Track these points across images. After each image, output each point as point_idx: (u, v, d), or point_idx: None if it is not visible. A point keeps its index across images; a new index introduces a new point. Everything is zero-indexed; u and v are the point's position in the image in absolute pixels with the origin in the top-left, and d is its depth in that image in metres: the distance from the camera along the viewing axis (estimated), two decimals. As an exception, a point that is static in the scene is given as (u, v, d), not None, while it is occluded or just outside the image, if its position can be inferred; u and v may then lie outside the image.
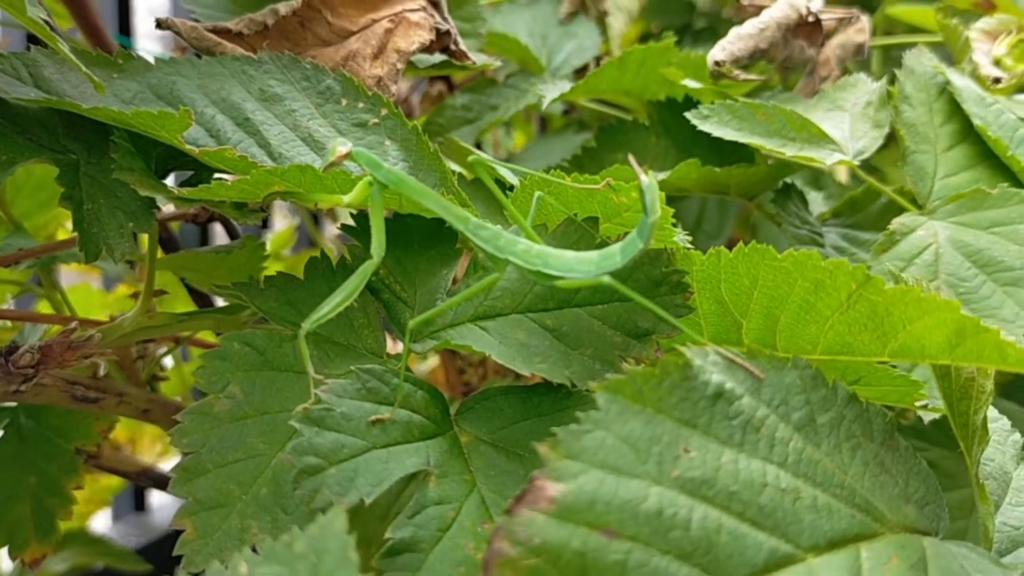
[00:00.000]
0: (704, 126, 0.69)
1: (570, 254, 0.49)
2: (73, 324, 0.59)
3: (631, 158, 0.47)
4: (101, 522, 1.14)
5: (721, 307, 0.53)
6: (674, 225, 0.55)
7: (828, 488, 0.44)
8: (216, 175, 0.57)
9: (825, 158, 0.68)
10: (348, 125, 0.61)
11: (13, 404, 0.67)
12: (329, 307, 0.48)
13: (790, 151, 0.68)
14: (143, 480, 0.79)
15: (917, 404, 0.58)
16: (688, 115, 0.70)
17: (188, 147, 0.52)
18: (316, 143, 0.59)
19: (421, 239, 0.56)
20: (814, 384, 0.46)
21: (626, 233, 0.49)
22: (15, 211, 0.68)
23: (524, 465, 0.49)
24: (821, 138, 0.70)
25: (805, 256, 0.48)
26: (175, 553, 0.47)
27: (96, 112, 0.52)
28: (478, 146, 0.95)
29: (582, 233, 0.53)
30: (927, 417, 0.66)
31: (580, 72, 0.90)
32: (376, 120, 0.62)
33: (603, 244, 0.52)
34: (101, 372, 0.61)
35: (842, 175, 0.98)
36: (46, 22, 0.49)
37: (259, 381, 0.51)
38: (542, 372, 0.50)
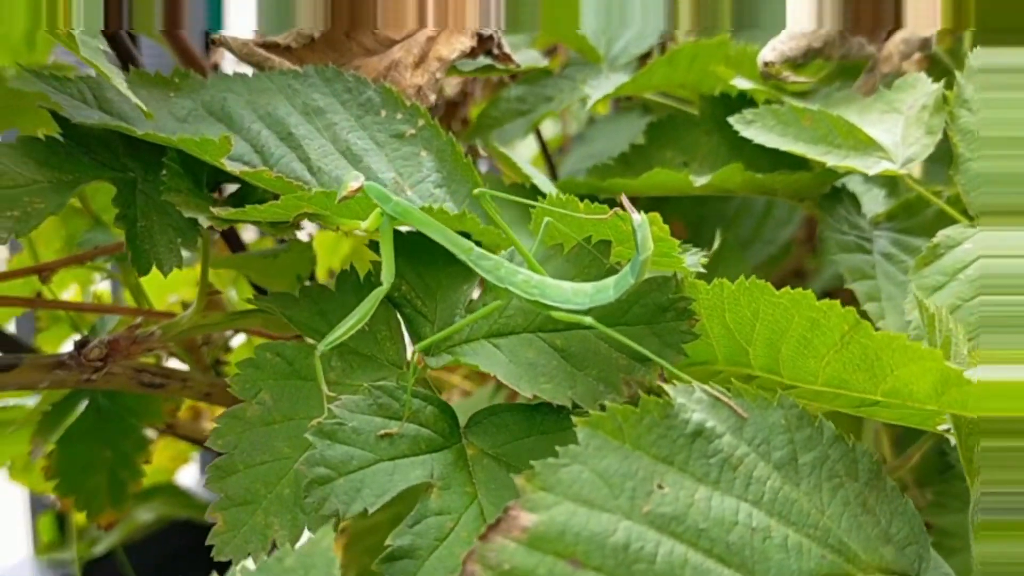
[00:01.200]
0: (747, 132, 0.70)
1: (567, 286, 0.51)
2: (138, 320, 0.63)
3: (623, 197, 0.49)
4: (189, 476, 1.21)
5: (729, 333, 0.55)
6: (686, 249, 0.56)
7: (802, 528, 0.46)
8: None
9: (870, 167, 0.68)
10: (386, 136, 0.64)
11: (91, 386, 0.73)
12: (342, 330, 0.51)
13: (832, 160, 0.68)
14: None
15: (939, 429, 0.59)
16: (732, 120, 0.71)
17: (230, 168, 0.56)
18: (353, 156, 0.63)
19: (444, 254, 0.58)
20: (799, 424, 0.48)
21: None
22: (94, 206, 0.74)
23: (524, 480, 0.52)
24: (868, 145, 0.70)
25: (800, 295, 0.49)
26: (207, 543, 0.52)
27: (148, 136, 0.56)
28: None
29: (592, 258, 0.55)
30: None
31: (643, 59, 0.90)
32: (413, 131, 0.65)
33: (613, 270, 0.54)
34: (164, 362, 0.65)
35: (914, 170, 0.97)
36: (105, 51, 0.53)
37: (287, 389, 0.55)
38: (545, 393, 0.53)
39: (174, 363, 0.73)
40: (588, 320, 0.49)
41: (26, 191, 0.55)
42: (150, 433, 0.78)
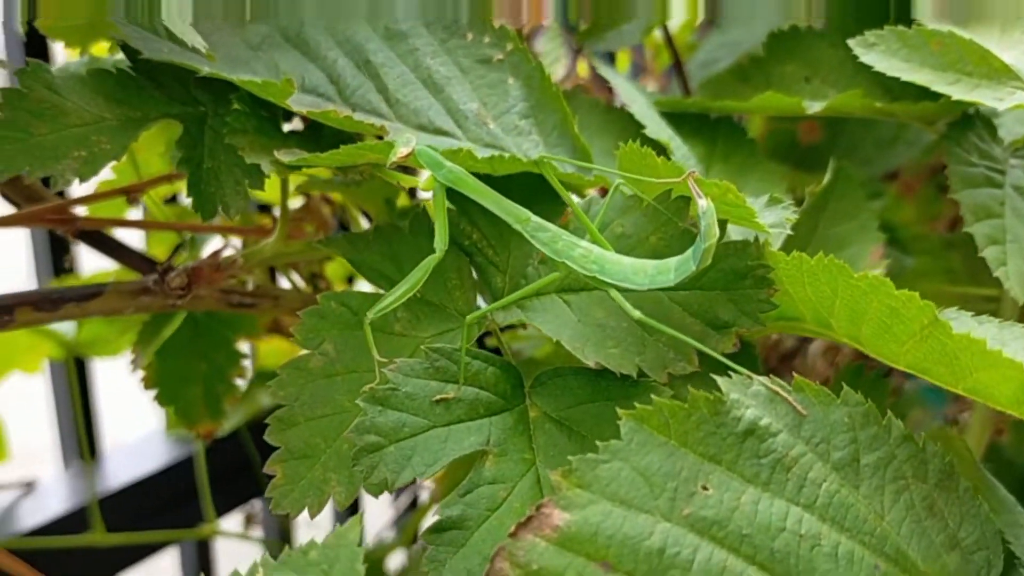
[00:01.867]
0: (867, 58, 0.64)
1: (628, 263, 0.49)
2: (221, 247, 0.63)
3: (691, 181, 0.45)
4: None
5: (811, 303, 0.51)
6: (773, 206, 0.53)
7: (856, 535, 0.43)
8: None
9: (1001, 100, 0.62)
10: (471, 62, 0.62)
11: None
12: (392, 298, 0.50)
13: (959, 92, 0.62)
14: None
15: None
16: (851, 44, 0.65)
17: (296, 108, 0.55)
18: (434, 85, 0.60)
19: (520, 200, 0.56)
20: (864, 422, 0.45)
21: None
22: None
23: (584, 448, 0.50)
24: (1003, 73, 0.63)
25: (879, 281, 0.46)
26: (266, 495, 0.53)
27: (213, 75, 0.54)
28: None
29: (665, 226, 0.52)
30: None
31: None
32: (501, 56, 0.62)
33: (689, 238, 0.51)
34: (250, 287, 0.66)
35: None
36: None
37: (351, 340, 0.54)
38: (611, 359, 0.51)
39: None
40: (636, 315, 0.47)
41: (94, 129, 0.55)
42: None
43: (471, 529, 0.48)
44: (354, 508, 1.10)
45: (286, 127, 0.59)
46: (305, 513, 0.52)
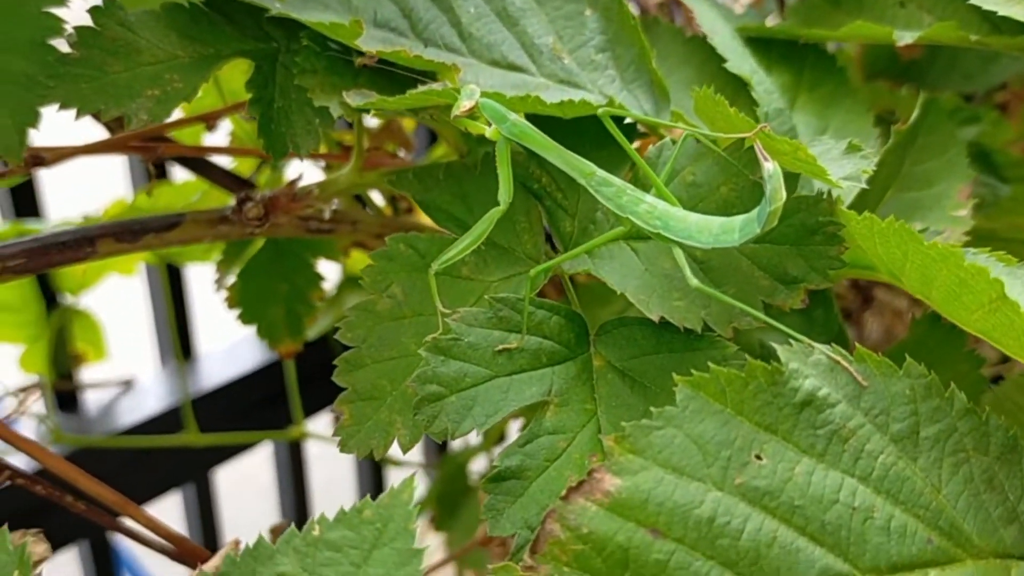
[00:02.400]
0: (969, -11, 0.61)
1: (693, 219, 0.48)
2: (297, 176, 0.64)
3: (757, 145, 0.44)
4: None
5: (882, 259, 0.50)
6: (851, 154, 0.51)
7: (911, 507, 0.43)
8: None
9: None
10: (547, -10, 0.60)
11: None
12: (456, 250, 0.50)
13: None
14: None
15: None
16: (949, -27, 0.62)
17: (366, 48, 0.54)
18: (509, 18, 0.59)
19: (591, 143, 0.55)
20: (926, 394, 0.44)
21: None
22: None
23: (647, 399, 0.50)
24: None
25: (948, 251, 0.44)
26: (333, 435, 0.54)
27: (282, 14, 0.54)
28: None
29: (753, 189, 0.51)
30: None
31: None
32: (578, -16, 0.60)
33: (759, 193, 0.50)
34: (326, 215, 0.66)
35: None
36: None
37: (418, 283, 0.54)
38: (676, 312, 0.51)
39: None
40: (694, 282, 0.46)
41: (166, 67, 0.55)
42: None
43: (530, 479, 0.48)
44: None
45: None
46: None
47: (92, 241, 0.59)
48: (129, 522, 0.61)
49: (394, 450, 0.53)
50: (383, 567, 0.42)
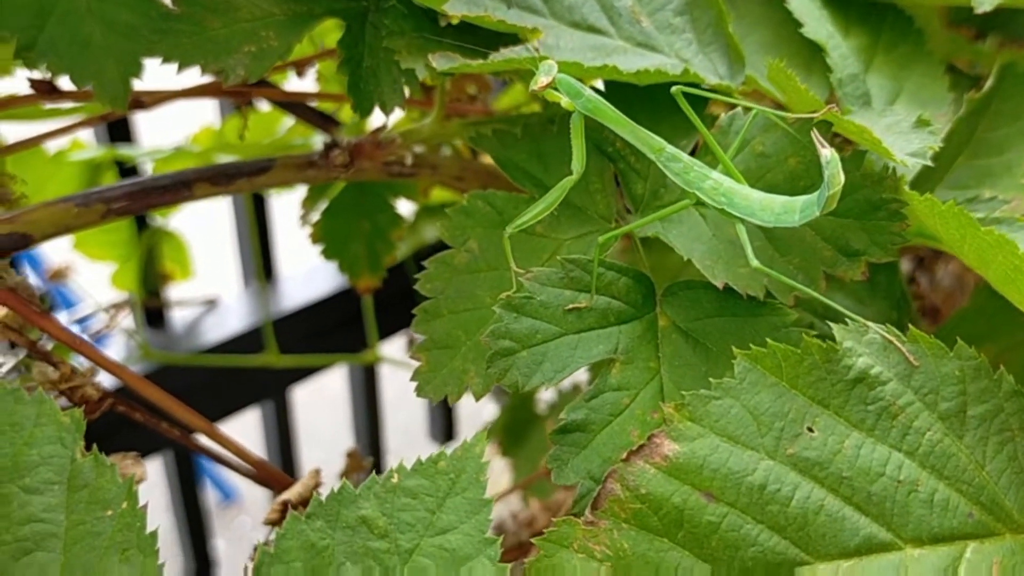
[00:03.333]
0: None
1: (756, 197, 0.50)
2: (381, 124, 0.67)
3: (815, 133, 0.46)
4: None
5: (943, 236, 0.52)
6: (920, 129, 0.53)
7: (954, 483, 0.45)
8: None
9: None
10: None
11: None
12: (530, 215, 0.52)
13: None
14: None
15: None
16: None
17: (451, 12, 0.56)
18: (596, -16, 0.61)
19: (666, 107, 0.57)
20: (975, 375, 0.46)
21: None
22: None
23: (708, 360, 0.53)
24: None
25: (1003, 240, 0.46)
26: (411, 379, 0.57)
27: (367, -21, 0.56)
28: None
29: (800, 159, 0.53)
30: None
31: None
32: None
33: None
34: (408, 161, 0.69)
35: None
36: None
37: (494, 239, 0.57)
38: (740, 279, 0.53)
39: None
40: (755, 263, 0.48)
41: (262, 24, 0.57)
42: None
43: (594, 432, 0.51)
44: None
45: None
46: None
47: (189, 185, 0.62)
48: (206, 439, 0.65)
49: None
50: (455, 514, 0.45)
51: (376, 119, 0.63)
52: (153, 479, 0.87)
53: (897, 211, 0.51)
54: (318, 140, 0.87)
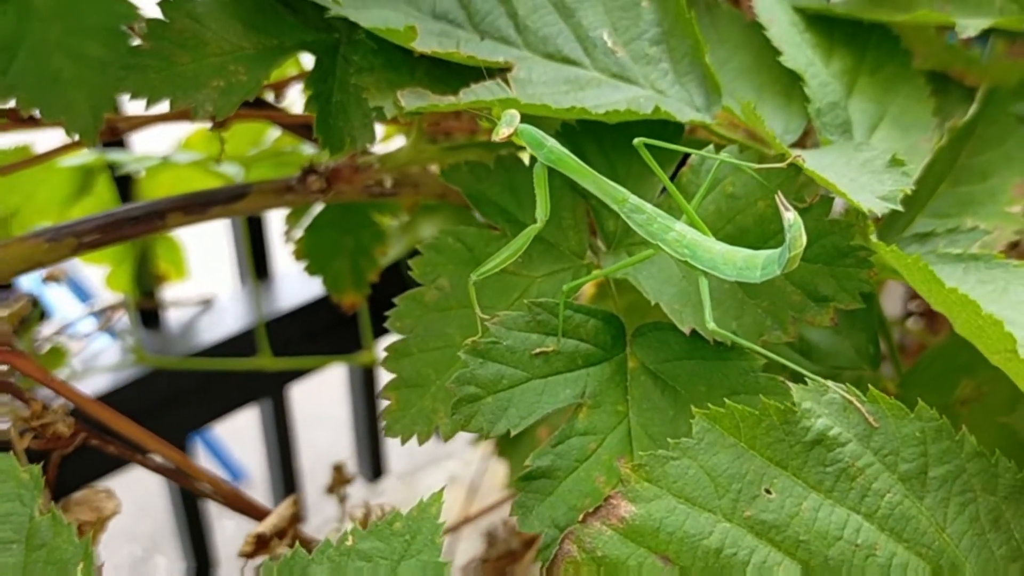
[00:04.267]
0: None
1: (719, 250, 0.49)
2: (358, 149, 0.66)
3: (779, 196, 0.45)
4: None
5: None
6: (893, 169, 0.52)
7: (913, 545, 0.45)
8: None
9: None
10: (605, -19, 0.61)
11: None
12: (494, 263, 0.52)
13: None
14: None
15: None
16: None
17: (420, 49, 0.55)
18: (565, 9, 0.60)
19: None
20: (936, 436, 0.46)
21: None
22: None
23: (676, 403, 0.52)
24: None
25: (967, 301, 0.45)
26: (379, 418, 0.57)
27: (339, 15, 0.56)
28: None
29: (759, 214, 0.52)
30: None
31: None
32: (636, -24, 0.60)
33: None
34: (388, 183, 0.68)
35: None
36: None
37: (465, 276, 0.56)
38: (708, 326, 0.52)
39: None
40: (711, 326, 0.48)
41: (231, 58, 0.57)
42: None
43: (559, 479, 0.51)
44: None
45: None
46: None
47: (162, 215, 0.62)
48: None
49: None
50: (411, 577, 0.45)
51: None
52: (152, 480, 0.88)
53: (864, 259, 0.50)
54: (308, 147, 0.87)
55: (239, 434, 1.84)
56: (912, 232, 0.61)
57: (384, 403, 0.56)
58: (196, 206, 0.63)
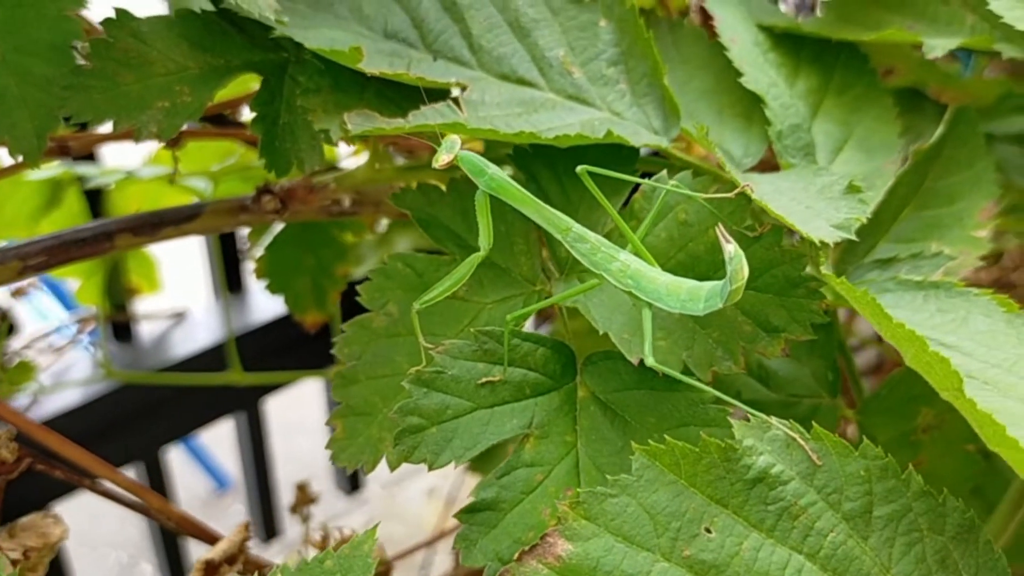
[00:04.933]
0: (998, 5, 0.59)
1: (663, 281, 0.48)
2: (316, 169, 0.65)
3: (719, 228, 0.44)
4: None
5: (865, 315, 0.50)
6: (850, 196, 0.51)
7: (856, 586, 0.44)
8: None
9: None
10: (563, 2, 0.60)
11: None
12: (436, 292, 0.51)
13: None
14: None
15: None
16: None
17: (368, 71, 0.54)
18: (521, 29, 0.59)
19: (592, 162, 0.55)
20: (882, 475, 0.45)
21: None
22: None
23: (626, 434, 0.51)
24: None
25: (915, 337, 0.44)
26: (327, 447, 0.56)
27: (284, 36, 0.55)
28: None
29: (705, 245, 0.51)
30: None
31: None
32: (595, -5, 0.59)
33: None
34: (347, 203, 0.67)
35: None
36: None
37: (414, 302, 0.55)
38: (658, 353, 0.51)
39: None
40: (649, 361, 0.47)
41: (176, 79, 0.56)
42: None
43: (504, 511, 0.50)
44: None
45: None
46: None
47: (110, 236, 0.61)
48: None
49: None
50: (342, 615, 0.44)
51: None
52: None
53: (815, 289, 0.49)
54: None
55: (224, 440, 1.83)
56: (874, 257, 0.60)
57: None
58: (146, 227, 0.62)
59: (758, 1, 0.69)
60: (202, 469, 1.95)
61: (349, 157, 0.68)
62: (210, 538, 0.63)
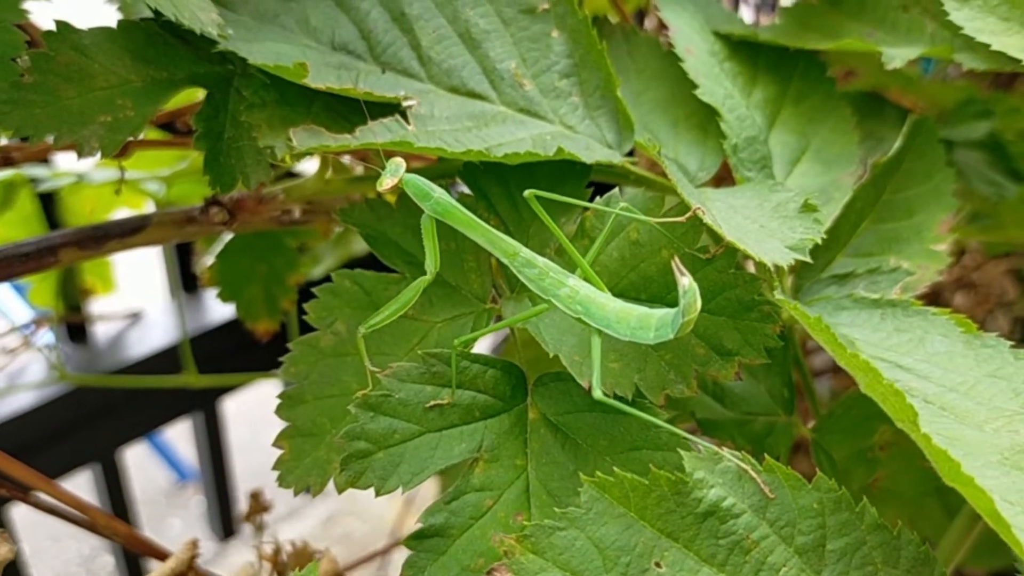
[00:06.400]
0: (959, 16, 0.58)
1: (613, 307, 0.47)
2: (251, 188, 0.64)
3: (675, 261, 0.43)
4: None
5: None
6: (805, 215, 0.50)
7: (807, 621, 0.43)
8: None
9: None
10: (515, 12, 0.58)
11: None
12: (382, 316, 0.50)
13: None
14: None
15: None
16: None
17: (315, 85, 0.53)
18: (471, 40, 0.57)
19: (544, 183, 0.54)
20: (835, 507, 0.44)
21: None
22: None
23: (577, 457, 0.50)
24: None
25: (869, 368, 0.43)
26: (273, 468, 0.55)
27: (227, 51, 0.53)
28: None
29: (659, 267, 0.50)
30: None
31: None
32: (546, 6, 0.58)
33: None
34: (297, 213, 0.66)
35: None
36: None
37: (363, 320, 0.54)
38: (610, 376, 0.50)
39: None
40: (598, 394, 0.46)
41: (119, 92, 0.54)
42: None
43: (453, 537, 0.49)
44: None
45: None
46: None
47: (54, 251, 0.60)
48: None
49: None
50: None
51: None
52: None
53: (769, 313, 0.48)
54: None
55: (186, 432, 1.82)
56: (832, 272, 0.59)
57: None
58: (91, 240, 0.60)
59: (716, 7, 0.68)
60: (163, 461, 1.93)
61: (306, 160, 0.66)
62: (159, 554, 0.62)
